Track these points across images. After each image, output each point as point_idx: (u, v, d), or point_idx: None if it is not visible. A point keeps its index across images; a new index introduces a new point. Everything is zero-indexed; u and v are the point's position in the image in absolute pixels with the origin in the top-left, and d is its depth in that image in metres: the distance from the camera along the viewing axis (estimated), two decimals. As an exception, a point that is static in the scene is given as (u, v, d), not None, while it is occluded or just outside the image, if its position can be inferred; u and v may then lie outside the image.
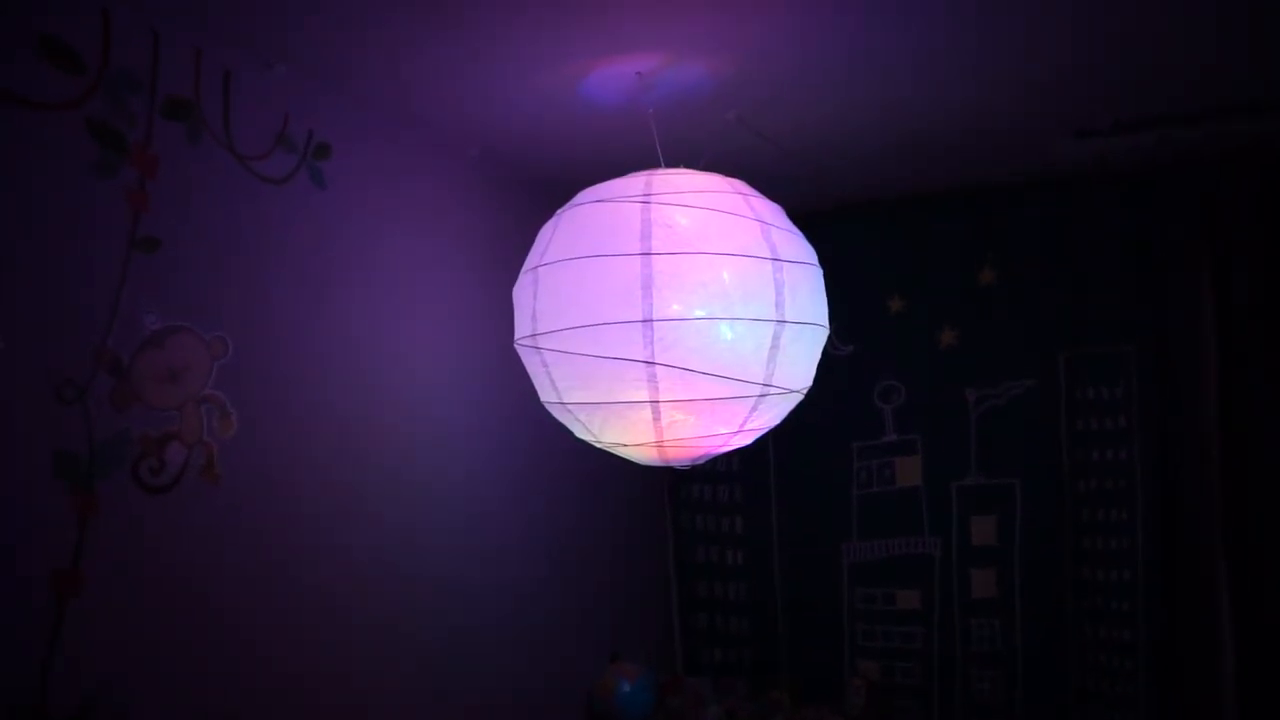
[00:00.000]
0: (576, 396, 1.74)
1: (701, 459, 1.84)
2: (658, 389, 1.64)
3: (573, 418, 1.80)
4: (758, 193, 1.80)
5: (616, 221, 1.67)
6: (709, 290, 1.61)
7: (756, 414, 1.74)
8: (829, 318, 1.84)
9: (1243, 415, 2.73)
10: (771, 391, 1.70)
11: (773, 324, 1.65)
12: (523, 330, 1.79)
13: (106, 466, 1.47)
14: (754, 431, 1.82)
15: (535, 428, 2.49)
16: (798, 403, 1.84)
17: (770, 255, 1.67)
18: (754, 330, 1.64)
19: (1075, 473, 2.96)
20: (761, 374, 1.67)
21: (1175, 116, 2.35)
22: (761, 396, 1.70)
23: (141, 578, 1.54)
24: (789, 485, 3.35)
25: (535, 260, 1.77)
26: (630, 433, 1.74)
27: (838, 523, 3.26)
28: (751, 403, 1.70)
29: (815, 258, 1.82)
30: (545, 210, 1.88)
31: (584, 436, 1.87)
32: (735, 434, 1.78)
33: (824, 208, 3.16)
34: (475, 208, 2.54)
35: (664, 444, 1.74)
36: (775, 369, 1.68)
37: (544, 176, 2.70)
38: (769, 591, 3.37)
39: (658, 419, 1.68)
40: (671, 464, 1.84)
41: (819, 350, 1.84)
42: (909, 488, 3.18)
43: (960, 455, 3.10)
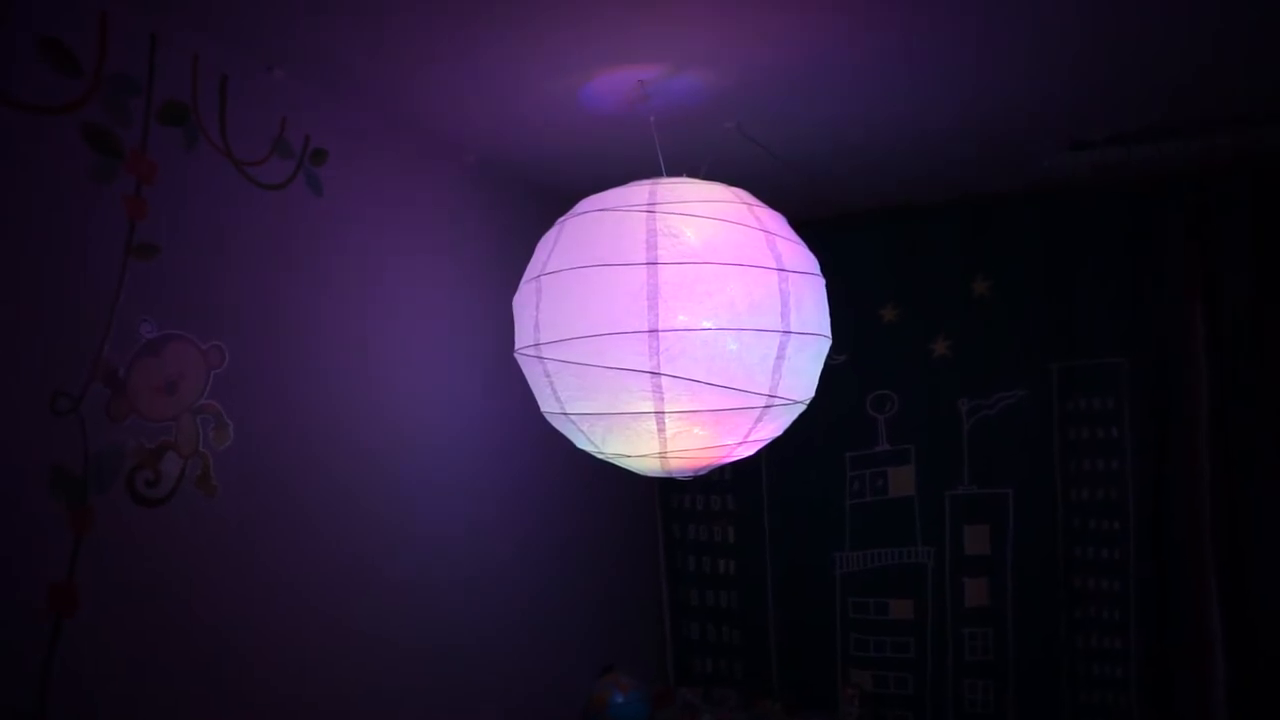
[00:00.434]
0: (580, 407, 1.72)
1: (704, 470, 1.82)
2: (663, 400, 1.62)
3: (575, 428, 1.77)
4: (761, 203, 1.79)
5: (621, 231, 1.65)
6: (715, 301, 1.59)
7: (761, 425, 1.73)
8: (824, 327, 1.83)
9: (1233, 427, 2.75)
10: (776, 402, 1.69)
11: (779, 334, 1.64)
12: (524, 340, 1.77)
13: (102, 479, 1.44)
14: (758, 442, 1.80)
15: (528, 438, 2.48)
16: (800, 413, 1.83)
17: (776, 266, 1.66)
18: (760, 341, 1.63)
19: (1067, 483, 2.97)
20: (767, 385, 1.66)
21: (1169, 129, 2.37)
22: (766, 407, 1.69)
23: (138, 591, 1.50)
24: (781, 494, 3.34)
25: (537, 269, 1.75)
26: (634, 444, 1.72)
27: (830, 532, 3.25)
28: (756, 413, 1.69)
29: (818, 267, 1.82)
30: (544, 218, 1.87)
31: (585, 447, 1.84)
32: (739, 445, 1.76)
33: (818, 217, 3.16)
34: (473, 215, 2.52)
35: (668, 455, 1.72)
36: (780, 380, 1.67)
37: (543, 184, 2.69)
38: (761, 601, 3.36)
39: (662, 430, 1.67)
40: (674, 475, 1.82)
41: (822, 360, 1.83)
42: (902, 497, 3.18)
43: (953, 465, 3.11)
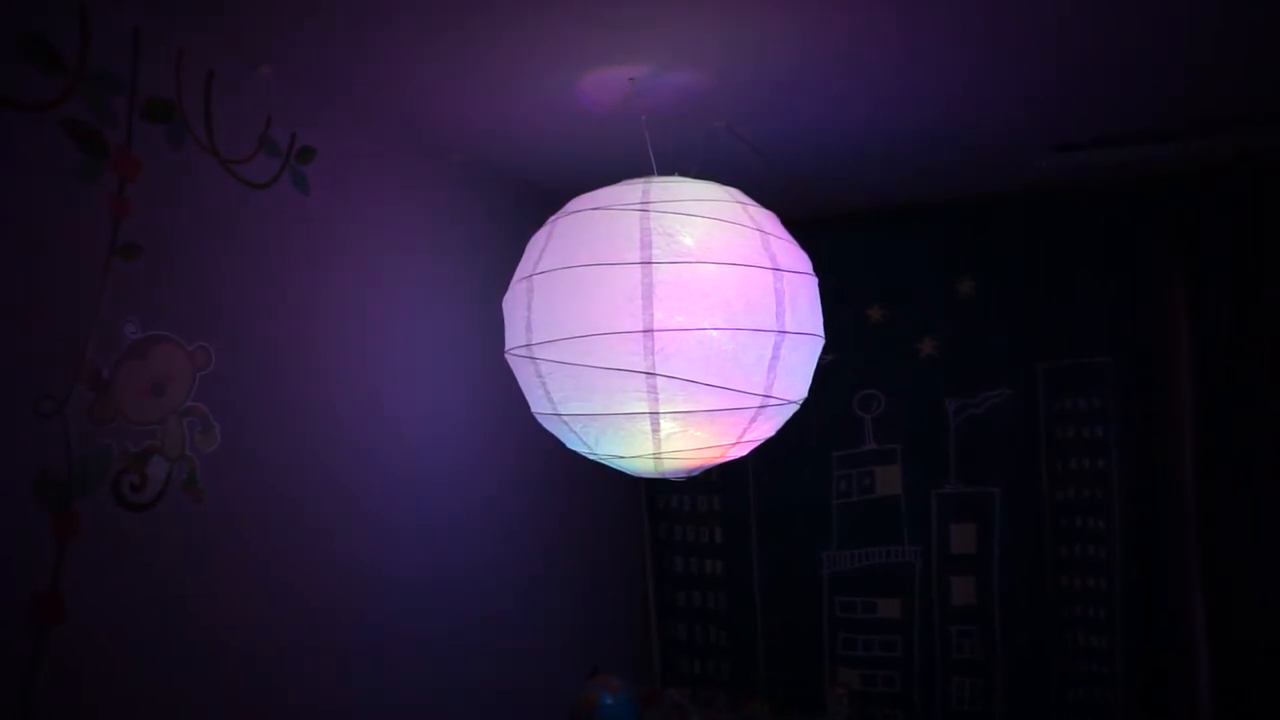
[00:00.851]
0: (573, 408, 1.70)
1: (698, 471, 1.81)
2: (657, 400, 1.61)
3: (568, 429, 1.75)
4: (754, 201, 1.78)
5: (615, 230, 1.63)
6: (711, 300, 1.58)
7: (755, 425, 1.72)
8: (813, 327, 1.82)
9: (1217, 424, 2.77)
10: (771, 402, 1.68)
11: (774, 334, 1.63)
12: (515, 340, 1.74)
13: (86, 484, 1.40)
14: (751, 443, 1.79)
15: (516, 438, 2.46)
16: (793, 413, 1.82)
17: (771, 265, 1.65)
18: (755, 341, 1.62)
19: (1054, 481, 2.99)
20: (762, 385, 1.65)
21: (1155, 132, 2.38)
22: (761, 408, 1.68)
23: (125, 597, 1.47)
24: (768, 495, 3.34)
25: (529, 269, 1.73)
26: (628, 444, 1.70)
27: (817, 532, 3.26)
28: (751, 414, 1.68)
29: (811, 267, 1.81)
30: (533, 216, 1.85)
31: (577, 448, 1.83)
32: (733, 445, 1.75)
33: (805, 217, 3.15)
34: (462, 214, 2.49)
35: (662, 456, 1.71)
36: (775, 380, 1.66)
37: (532, 182, 2.66)
38: (748, 601, 3.36)
39: (657, 431, 1.65)
40: (667, 476, 1.81)
41: (815, 360, 1.82)
42: (889, 496, 3.19)
43: (940, 464, 3.12)
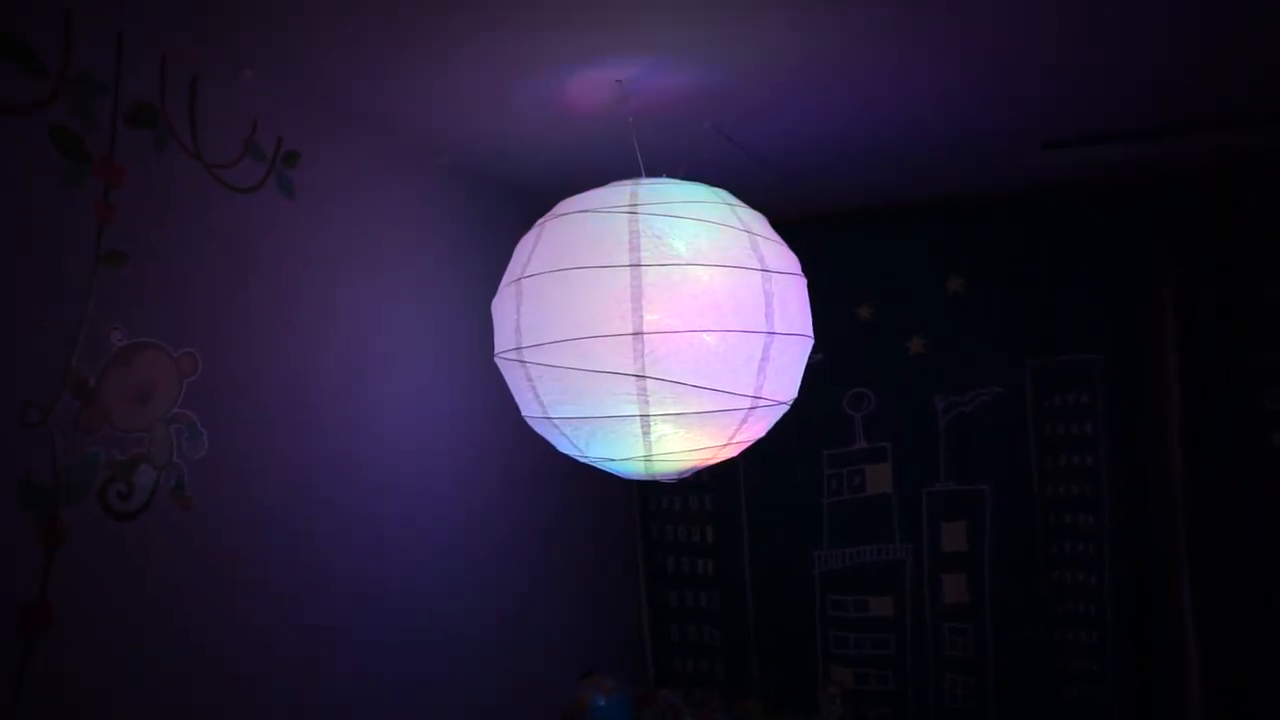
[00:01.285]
0: (563, 411, 1.70)
1: (689, 473, 1.81)
2: (648, 403, 1.61)
3: (558, 432, 1.75)
4: (742, 203, 1.78)
5: (603, 232, 1.63)
6: (700, 302, 1.58)
7: (745, 426, 1.72)
8: (802, 327, 1.82)
9: (1206, 421, 2.79)
10: (761, 404, 1.68)
11: (763, 336, 1.63)
12: (504, 344, 1.74)
13: (73, 493, 1.39)
14: (742, 444, 1.79)
15: (506, 441, 2.45)
16: (783, 414, 1.82)
17: (760, 266, 1.65)
18: (745, 342, 1.62)
19: (1044, 478, 3.00)
20: (752, 386, 1.65)
21: (1141, 130, 2.39)
22: (751, 409, 1.68)
23: (112, 606, 1.46)
24: (759, 494, 3.34)
25: (517, 272, 1.72)
26: (618, 447, 1.70)
27: (809, 531, 3.26)
28: (742, 415, 1.68)
29: (799, 268, 1.81)
30: (521, 219, 1.84)
31: (568, 451, 1.82)
32: (724, 447, 1.75)
33: (794, 216, 3.15)
34: (449, 217, 2.48)
35: (652, 458, 1.70)
36: (765, 381, 1.66)
37: (519, 185, 2.66)
38: (741, 601, 3.36)
39: (647, 433, 1.65)
40: (658, 478, 1.80)
41: (804, 361, 1.82)
42: (879, 495, 3.19)
43: (930, 462, 3.13)
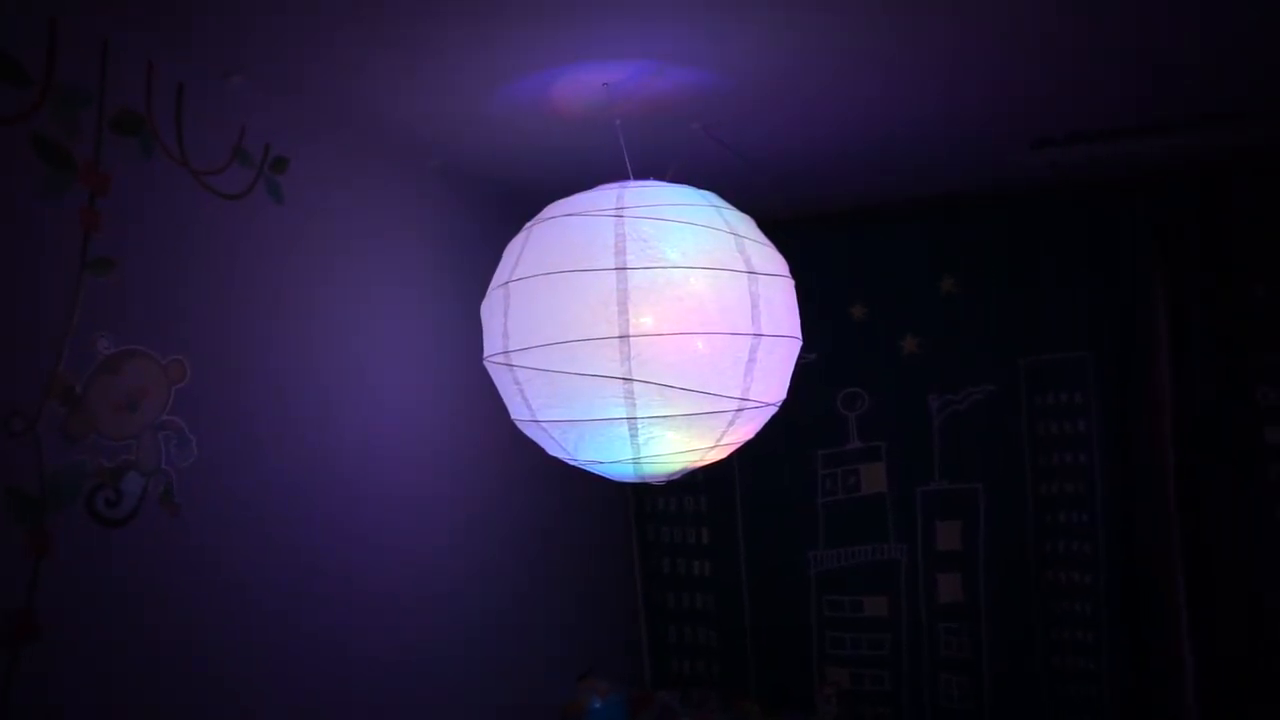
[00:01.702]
0: (551, 414, 1.70)
1: (678, 474, 1.81)
2: (635, 405, 1.61)
3: (547, 436, 1.76)
4: (729, 205, 1.79)
5: (589, 236, 1.63)
6: (686, 305, 1.58)
7: (733, 428, 1.72)
8: (794, 327, 1.83)
9: (1197, 418, 2.79)
10: (749, 405, 1.68)
11: (749, 337, 1.63)
12: (493, 347, 1.75)
13: (59, 500, 1.40)
14: (730, 446, 1.80)
15: (500, 444, 2.45)
16: (772, 415, 1.83)
17: (745, 269, 1.65)
18: (731, 344, 1.62)
19: (1037, 477, 3.00)
20: (739, 388, 1.65)
21: (1131, 129, 2.39)
22: (739, 411, 1.68)
23: (100, 613, 1.46)
24: (754, 495, 3.34)
25: (505, 276, 1.73)
26: (607, 450, 1.70)
27: (804, 531, 3.26)
28: (729, 417, 1.68)
29: (787, 269, 1.82)
30: (511, 222, 1.85)
31: (557, 454, 1.83)
32: (712, 449, 1.76)
33: (786, 217, 3.16)
34: (438, 221, 2.49)
35: (641, 460, 1.71)
36: (752, 383, 1.67)
37: (509, 188, 2.66)
38: (737, 602, 3.36)
39: (635, 435, 1.66)
40: (648, 480, 1.81)
41: (793, 362, 1.83)
42: (874, 494, 3.19)
43: (924, 461, 3.13)
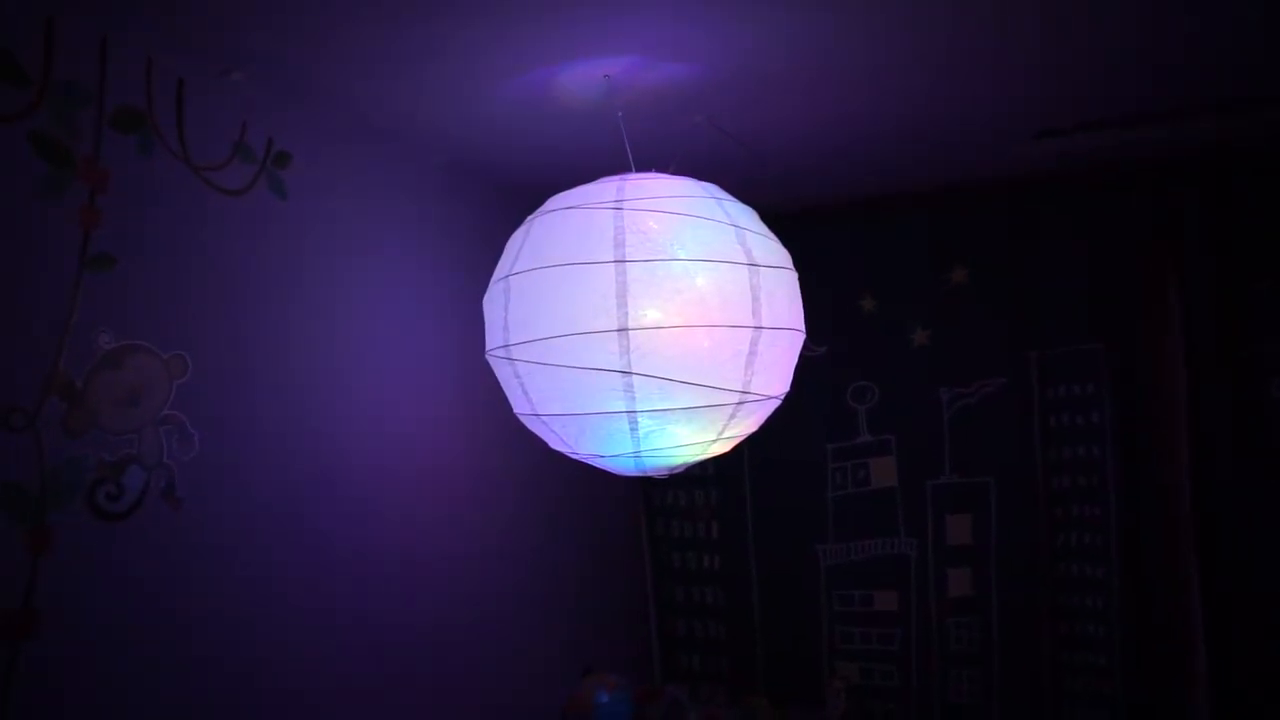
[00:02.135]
0: (551, 408, 1.70)
1: (680, 468, 1.81)
2: (634, 399, 1.60)
3: (548, 429, 1.76)
4: (732, 197, 1.78)
5: (589, 228, 1.63)
6: (685, 298, 1.58)
7: (735, 421, 1.71)
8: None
9: (1211, 410, 2.75)
10: (750, 399, 1.67)
11: (750, 330, 1.62)
12: (494, 341, 1.75)
13: (60, 496, 1.40)
14: (733, 439, 1.79)
15: (507, 438, 2.45)
16: (775, 408, 1.82)
17: (746, 261, 1.64)
18: (731, 337, 1.61)
19: (1049, 470, 2.97)
20: (739, 381, 1.64)
21: (1139, 116, 2.36)
22: (739, 404, 1.67)
23: (101, 608, 1.47)
24: (764, 488, 3.33)
25: (506, 269, 1.73)
26: (607, 443, 1.70)
27: (813, 525, 3.24)
28: (730, 410, 1.67)
29: (790, 261, 1.80)
30: (515, 216, 1.84)
31: (559, 448, 1.83)
32: (714, 442, 1.75)
33: (794, 209, 3.15)
34: (442, 215, 2.49)
35: (642, 454, 1.70)
36: (753, 375, 1.66)
37: (512, 182, 2.66)
38: (746, 596, 3.35)
39: (635, 429, 1.65)
40: (649, 474, 1.80)
41: (796, 355, 1.82)
42: (884, 488, 3.17)
43: (934, 455, 3.10)
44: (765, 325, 1.64)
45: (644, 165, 1.85)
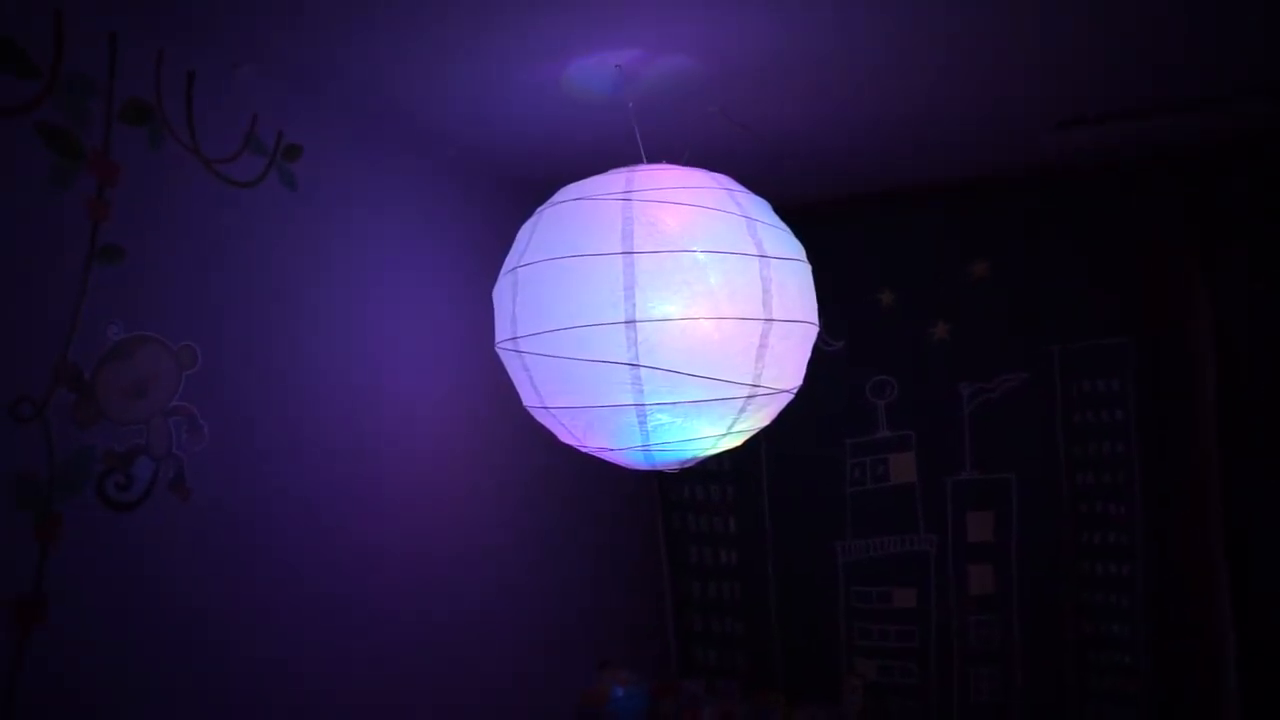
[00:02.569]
0: (560, 400, 1.68)
1: (690, 462, 1.78)
2: (642, 392, 1.59)
3: (557, 422, 1.74)
4: (744, 188, 1.75)
5: (597, 220, 1.61)
6: (694, 289, 1.55)
7: (745, 415, 1.69)
8: (818, 313, 1.79)
9: (1239, 406, 2.69)
10: (760, 392, 1.65)
11: (760, 322, 1.60)
12: (503, 333, 1.73)
13: (68, 486, 1.41)
14: (744, 433, 1.76)
15: (518, 431, 2.45)
16: (788, 402, 1.79)
17: (756, 252, 1.61)
18: (741, 330, 1.59)
19: (1073, 466, 2.92)
20: (749, 374, 1.62)
21: (1158, 105, 2.31)
22: (750, 398, 1.65)
23: (110, 597, 1.48)
24: (781, 484, 3.30)
25: (514, 261, 1.72)
26: (616, 436, 1.68)
27: (831, 521, 3.21)
28: (740, 404, 1.65)
29: (803, 253, 1.77)
30: (525, 208, 1.83)
31: (568, 441, 1.81)
32: (725, 436, 1.73)
33: (812, 202, 3.11)
34: (452, 207, 2.48)
35: (650, 448, 1.69)
36: (764, 369, 1.63)
37: (523, 174, 2.65)
38: (763, 592, 3.33)
39: (643, 422, 1.63)
40: (659, 468, 1.79)
41: (809, 348, 1.78)
42: (903, 484, 3.13)
43: (955, 450, 3.06)
44: (776, 317, 1.61)
45: (657, 156, 1.83)
